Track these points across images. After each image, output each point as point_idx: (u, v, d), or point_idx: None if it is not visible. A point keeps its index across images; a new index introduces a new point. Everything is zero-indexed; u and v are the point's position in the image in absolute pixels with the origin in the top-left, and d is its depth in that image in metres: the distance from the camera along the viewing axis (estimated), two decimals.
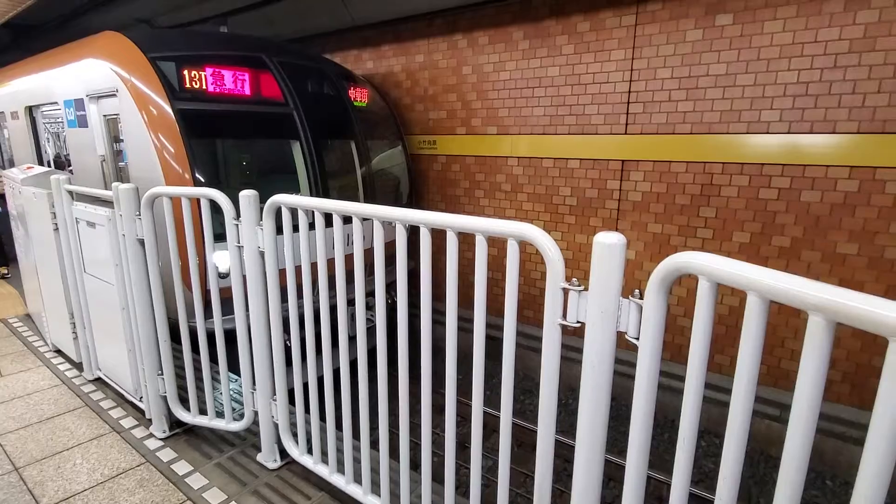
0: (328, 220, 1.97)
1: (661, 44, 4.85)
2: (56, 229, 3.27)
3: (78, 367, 3.58)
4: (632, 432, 1.27)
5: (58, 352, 3.88)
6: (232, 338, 2.43)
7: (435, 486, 1.92)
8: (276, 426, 2.47)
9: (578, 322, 1.33)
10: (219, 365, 2.56)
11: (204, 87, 4.47)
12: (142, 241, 2.53)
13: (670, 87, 4.87)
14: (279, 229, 2.16)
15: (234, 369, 2.61)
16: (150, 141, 4.23)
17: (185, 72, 4.39)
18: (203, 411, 2.75)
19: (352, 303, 1.95)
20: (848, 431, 4.38)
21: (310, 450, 2.36)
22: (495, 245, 5.01)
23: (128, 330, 2.79)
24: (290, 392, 2.43)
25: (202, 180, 4.35)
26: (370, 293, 2.05)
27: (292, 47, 5.98)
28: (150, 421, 2.85)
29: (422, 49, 6.64)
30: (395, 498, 2.03)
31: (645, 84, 5.01)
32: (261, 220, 2.20)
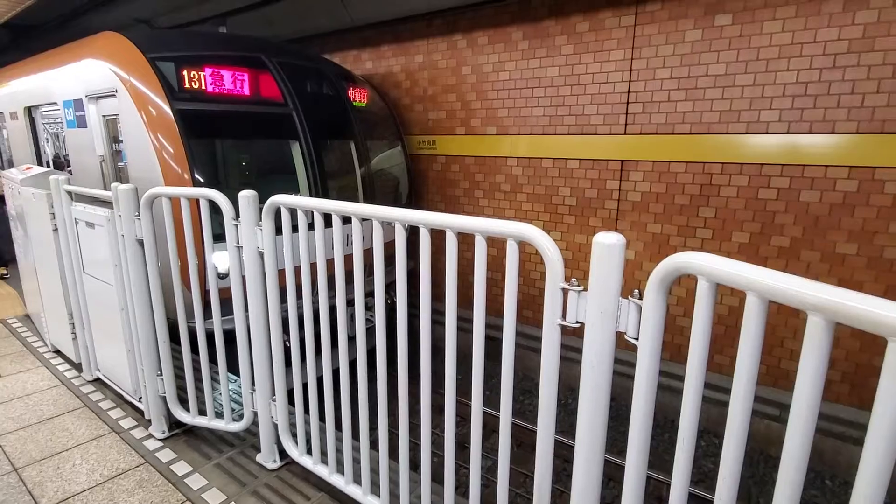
0: (327, 221, 1.97)
1: (660, 44, 4.85)
2: (55, 230, 3.27)
3: (77, 367, 3.58)
4: (631, 432, 1.27)
5: (57, 352, 3.88)
6: (231, 338, 2.43)
7: (434, 486, 1.92)
8: (275, 426, 2.47)
9: (578, 322, 1.33)
10: (218, 365, 2.56)
11: (203, 87, 4.46)
12: (141, 242, 2.53)
13: (669, 88, 4.88)
14: (278, 230, 2.16)
15: (234, 370, 2.61)
16: (150, 141, 4.23)
17: (185, 72, 4.39)
18: (202, 412, 2.75)
19: (351, 303, 1.95)
20: (847, 431, 4.38)
21: (309, 450, 2.36)
22: (495, 245, 5.01)
23: (127, 330, 2.78)
24: (290, 392, 2.43)
25: (201, 181, 4.34)
26: (370, 293, 2.05)
27: (291, 48, 5.98)
28: (149, 421, 2.84)
29: (421, 49, 6.64)
30: (394, 498, 2.03)
31: (644, 84, 5.02)
32: (260, 220, 2.20)
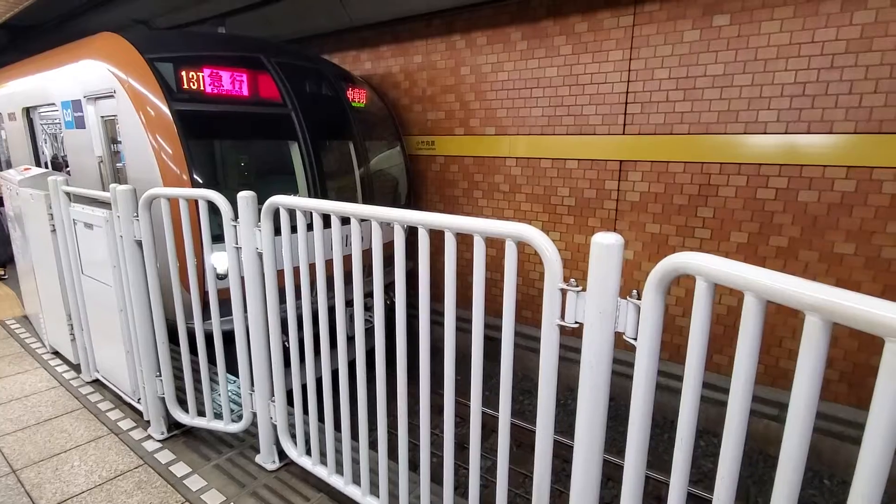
0: (326, 222, 1.97)
1: (658, 44, 4.86)
2: (53, 231, 3.26)
3: (76, 368, 3.57)
4: (630, 432, 1.27)
5: (55, 353, 3.87)
6: (230, 339, 2.43)
7: (434, 486, 1.92)
8: (274, 427, 2.47)
9: (576, 322, 1.33)
10: (217, 366, 2.56)
11: (202, 88, 4.46)
12: (139, 243, 2.53)
13: (668, 88, 4.88)
14: (277, 230, 2.16)
15: (233, 371, 2.60)
16: (148, 142, 4.22)
17: (183, 73, 4.38)
18: (201, 413, 2.74)
19: (350, 304, 1.95)
20: (846, 431, 4.39)
21: (308, 451, 2.36)
22: (494, 246, 5.00)
23: (126, 331, 2.78)
24: (289, 393, 2.43)
25: (200, 181, 4.34)
26: (368, 294, 2.05)
27: (290, 48, 5.97)
28: (148, 423, 2.84)
29: (420, 50, 6.64)
30: (393, 499, 2.03)
31: (643, 84, 5.02)
32: (259, 221, 2.20)
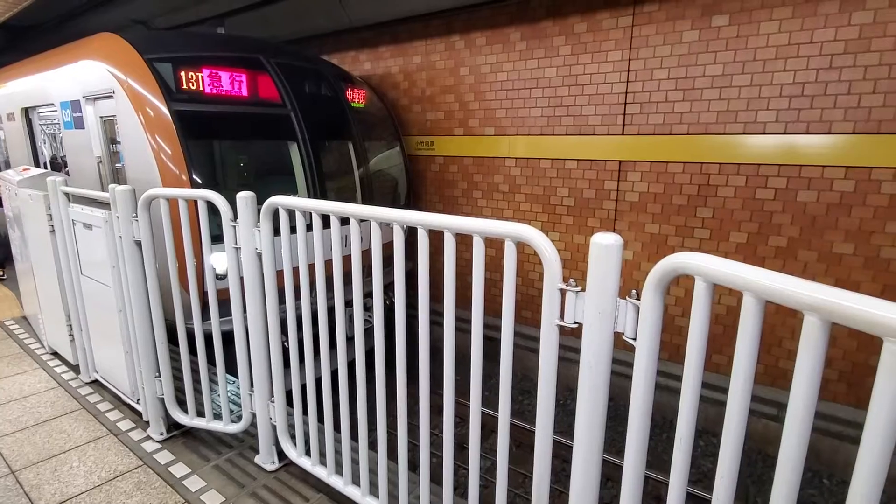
0: (325, 222, 1.97)
1: (657, 45, 4.87)
2: (52, 231, 3.26)
3: (75, 369, 3.57)
4: (629, 432, 1.27)
5: (54, 354, 3.87)
6: (229, 339, 2.43)
7: (433, 486, 1.92)
8: (273, 428, 2.47)
9: (576, 323, 1.33)
10: (216, 367, 2.56)
11: (201, 88, 4.46)
12: (139, 243, 2.53)
13: (667, 88, 4.89)
14: (276, 231, 2.16)
15: (232, 371, 2.60)
16: (147, 142, 4.22)
17: (182, 73, 4.38)
18: (201, 413, 2.74)
19: (350, 304, 1.95)
20: (845, 430, 4.39)
21: (308, 451, 2.36)
22: (493, 246, 5.01)
23: (125, 332, 2.78)
24: (288, 394, 2.43)
25: (199, 182, 4.34)
26: (368, 294, 2.05)
27: (290, 48, 5.97)
28: (147, 423, 2.84)
29: (419, 50, 6.64)
30: (393, 499, 2.03)
31: (642, 85, 5.03)
32: (258, 221, 2.20)
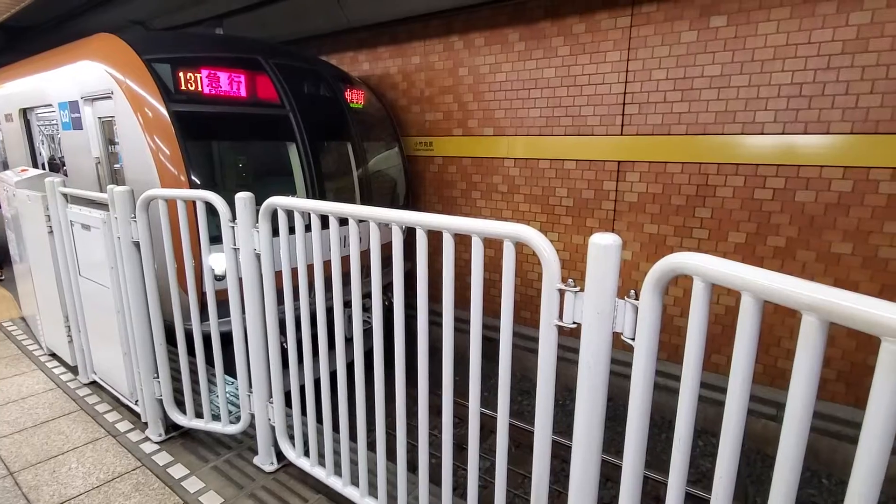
0: (324, 223, 1.97)
1: (656, 45, 4.87)
2: (51, 232, 3.26)
3: (73, 370, 3.56)
4: (628, 432, 1.27)
5: (52, 355, 3.86)
6: (228, 340, 2.43)
7: (432, 487, 1.92)
8: (272, 429, 2.47)
9: (574, 323, 1.33)
10: (215, 368, 2.55)
11: (199, 89, 4.46)
12: (137, 244, 2.52)
13: (665, 89, 4.89)
14: (275, 231, 2.16)
15: (231, 372, 2.60)
16: (146, 143, 4.22)
17: (181, 74, 4.38)
18: (199, 414, 2.74)
19: (348, 304, 1.95)
20: (843, 430, 4.40)
21: (307, 452, 2.36)
22: (492, 246, 5.01)
23: (123, 333, 2.77)
24: (287, 394, 2.42)
25: (198, 183, 4.33)
26: (367, 295, 2.05)
27: (288, 49, 5.97)
28: (145, 424, 2.83)
29: (418, 51, 6.64)
30: (392, 500, 2.03)
31: (640, 85, 5.03)
32: (257, 222, 2.20)
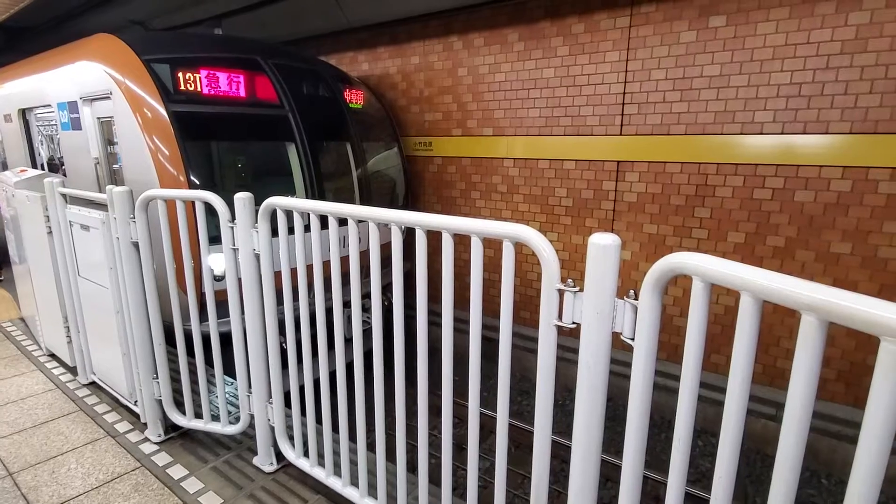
0: (324, 223, 1.97)
1: (655, 45, 4.87)
2: (50, 232, 3.25)
3: (72, 371, 3.56)
4: (628, 432, 1.27)
5: (52, 356, 3.85)
6: (227, 341, 2.43)
7: (432, 487, 1.92)
8: (272, 429, 2.46)
9: (574, 323, 1.33)
10: (214, 368, 2.55)
11: (199, 89, 4.45)
12: (136, 244, 2.52)
13: (665, 89, 4.89)
14: (274, 232, 2.16)
15: (230, 372, 2.60)
16: (145, 143, 4.21)
17: (180, 74, 4.37)
18: (199, 415, 2.73)
19: (348, 305, 1.95)
20: (843, 430, 4.40)
21: (306, 453, 2.35)
22: (492, 246, 5.01)
23: (122, 333, 2.77)
24: (287, 395, 2.42)
25: (197, 183, 4.33)
26: (366, 295, 2.05)
27: (287, 49, 5.97)
28: (145, 425, 2.83)
29: (417, 51, 6.64)
30: (392, 500, 2.02)
31: (639, 85, 5.03)
32: (256, 222, 2.20)
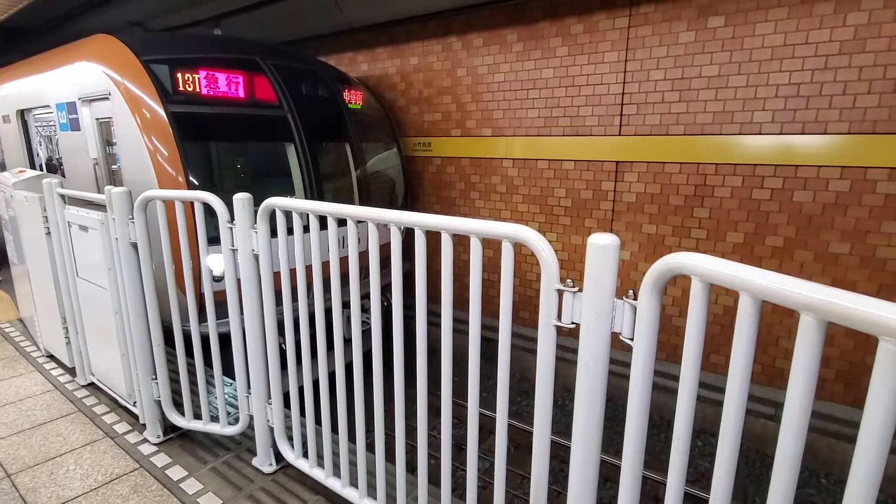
0: (323, 223, 1.97)
1: (653, 45, 4.88)
2: (48, 233, 3.25)
3: (71, 372, 3.55)
4: (627, 432, 1.27)
5: (50, 357, 3.85)
6: (227, 341, 2.42)
7: (432, 488, 1.92)
8: (271, 430, 2.46)
9: (573, 323, 1.33)
10: (213, 369, 2.55)
11: (197, 89, 4.45)
12: (135, 245, 2.52)
13: (663, 89, 4.90)
14: (273, 232, 2.16)
15: (229, 373, 2.59)
16: (144, 144, 4.21)
17: (179, 74, 4.37)
18: (198, 416, 2.73)
19: (347, 305, 1.95)
20: (842, 430, 4.41)
21: (305, 453, 2.35)
22: (491, 247, 5.02)
23: (121, 334, 2.77)
24: (286, 396, 2.42)
25: (196, 183, 4.33)
26: (365, 296, 2.05)
27: (286, 50, 5.97)
28: (143, 426, 2.83)
29: (416, 51, 6.64)
30: (391, 501, 2.02)
31: (638, 86, 5.04)
32: (255, 223, 2.20)
